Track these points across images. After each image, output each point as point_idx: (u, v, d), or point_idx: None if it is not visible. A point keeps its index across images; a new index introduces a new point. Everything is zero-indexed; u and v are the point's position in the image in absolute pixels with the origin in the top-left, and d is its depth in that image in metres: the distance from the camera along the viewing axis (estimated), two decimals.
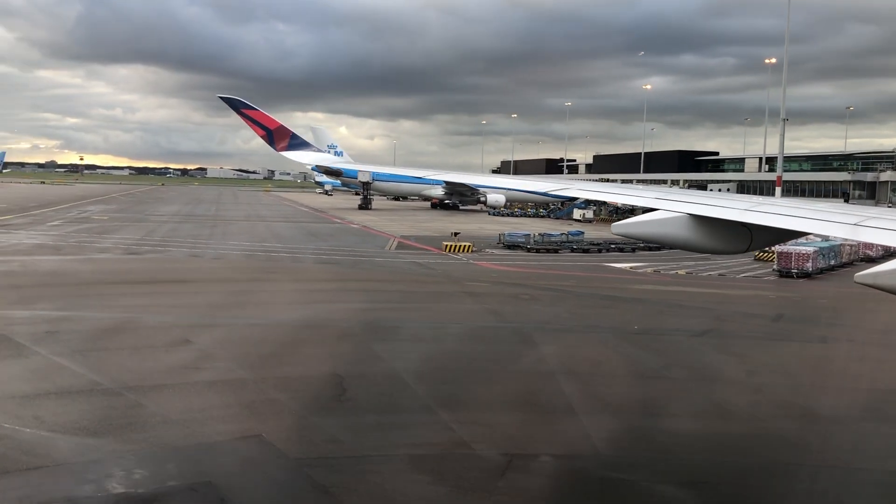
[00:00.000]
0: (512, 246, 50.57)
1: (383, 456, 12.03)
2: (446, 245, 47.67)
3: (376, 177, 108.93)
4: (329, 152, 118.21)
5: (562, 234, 53.11)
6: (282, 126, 18.15)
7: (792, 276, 37.25)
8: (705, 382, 17.23)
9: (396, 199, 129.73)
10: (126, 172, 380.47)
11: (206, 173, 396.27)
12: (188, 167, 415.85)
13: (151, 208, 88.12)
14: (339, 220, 75.81)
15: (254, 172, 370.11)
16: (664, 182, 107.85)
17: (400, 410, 14.36)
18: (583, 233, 55.50)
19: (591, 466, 11.95)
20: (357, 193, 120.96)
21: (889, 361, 19.89)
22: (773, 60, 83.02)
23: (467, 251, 46.31)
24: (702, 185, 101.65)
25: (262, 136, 18.31)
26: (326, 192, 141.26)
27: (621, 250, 51.79)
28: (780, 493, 11.17)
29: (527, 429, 13.63)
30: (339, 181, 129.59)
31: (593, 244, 52.38)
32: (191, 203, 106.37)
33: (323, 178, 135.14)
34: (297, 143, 18.50)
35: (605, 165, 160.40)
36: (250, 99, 19.62)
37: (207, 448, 12.11)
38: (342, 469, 11.42)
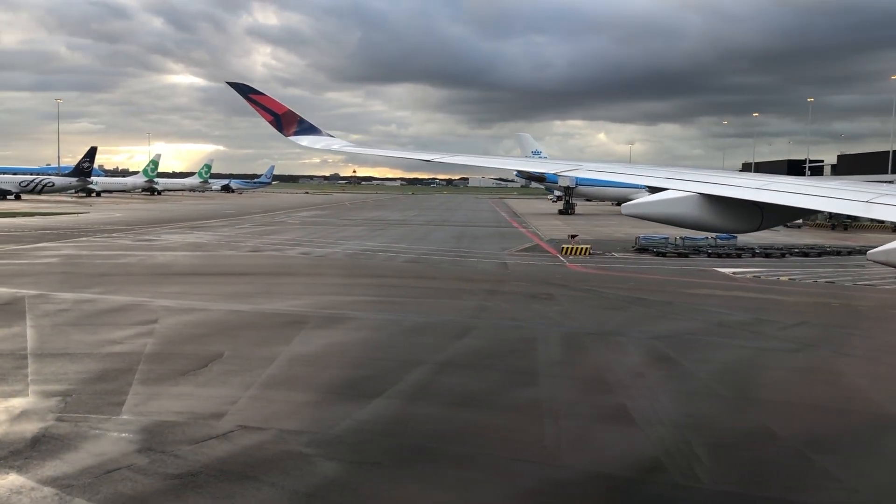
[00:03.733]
0: (644, 249, 48.85)
1: (126, 419, 13.40)
2: (564, 248, 47.37)
3: (580, 182, 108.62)
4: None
5: (707, 237, 50.00)
6: (290, 111, 18.21)
7: None
8: (552, 378, 16.62)
9: (618, 204, 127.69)
10: (398, 183, 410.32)
11: (467, 183, 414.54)
12: (452, 177, 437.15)
13: (353, 214, 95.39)
14: (516, 225, 77.35)
15: (511, 181, 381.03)
16: (889, 182, 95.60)
17: (217, 385, 15.62)
18: (735, 237, 51.74)
19: (293, 440, 12.49)
20: (588, 199, 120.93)
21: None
22: None
23: (583, 254, 45.66)
24: None
25: (270, 122, 18.19)
26: (556, 199, 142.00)
27: (768, 256, 47.94)
28: (416, 476, 11.11)
29: (303, 408, 14.35)
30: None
31: (741, 249, 49.02)
32: (401, 210, 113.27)
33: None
34: (304, 127, 18.49)
35: (849, 166, 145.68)
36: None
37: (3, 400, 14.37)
38: (72, 422, 13.07)
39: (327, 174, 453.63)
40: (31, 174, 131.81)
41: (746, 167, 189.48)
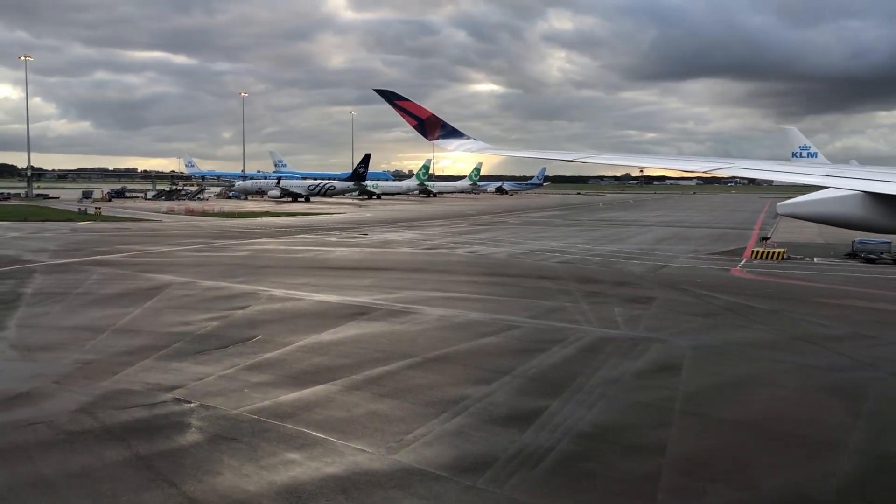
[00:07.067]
0: (854, 255, 43.62)
1: (103, 384, 15.76)
2: (754, 251, 43.99)
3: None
4: (801, 154, 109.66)
5: None
6: (433, 115, 19.07)
7: None
8: (514, 378, 16.32)
9: None
10: (693, 182, 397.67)
11: (772, 182, 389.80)
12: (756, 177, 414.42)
13: (586, 215, 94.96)
14: (755, 227, 72.51)
15: None
16: None
17: (210, 364, 17.47)
18: None
19: (196, 414, 14.00)
20: None
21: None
22: None
23: (776, 258, 42.08)
24: None
25: (414, 126, 19.13)
26: None
27: None
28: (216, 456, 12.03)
29: (246, 389, 15.57)
30: None
31: None
32: (648, 210, 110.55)
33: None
34: (448, 131, 19.31)
35: None
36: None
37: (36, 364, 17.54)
38: (63, 384, 15.74)
39: (619, 174, 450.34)
40: (320, 179, 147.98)
41: None
